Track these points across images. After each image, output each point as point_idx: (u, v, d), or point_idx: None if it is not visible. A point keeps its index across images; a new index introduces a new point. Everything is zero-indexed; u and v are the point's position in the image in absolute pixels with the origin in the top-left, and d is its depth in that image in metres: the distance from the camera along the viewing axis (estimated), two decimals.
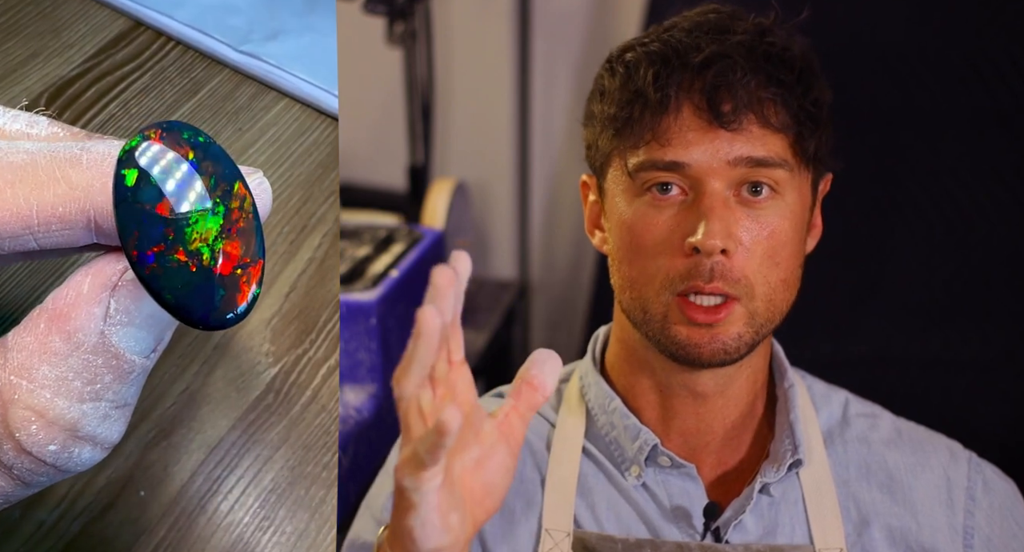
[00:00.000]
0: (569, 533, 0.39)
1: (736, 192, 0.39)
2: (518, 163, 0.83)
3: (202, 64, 0.57)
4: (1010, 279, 0.58)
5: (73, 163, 0.27)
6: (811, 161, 0.40)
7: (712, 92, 0.38)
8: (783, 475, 0.40)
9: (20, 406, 0.27)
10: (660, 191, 0.39)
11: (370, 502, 0.43)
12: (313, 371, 0.46)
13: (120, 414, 0.29)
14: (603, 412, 0.42)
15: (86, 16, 0.58)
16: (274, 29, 0.57)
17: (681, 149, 0.39)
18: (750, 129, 0.39)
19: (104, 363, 0.27)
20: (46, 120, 0.31)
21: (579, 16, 0.78)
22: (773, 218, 0.39)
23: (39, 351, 0.27)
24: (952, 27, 0.58)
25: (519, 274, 0.85)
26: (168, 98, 0.55)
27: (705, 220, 0.38)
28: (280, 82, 0.55)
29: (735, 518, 0.39)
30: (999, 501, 0.41)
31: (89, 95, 0.54)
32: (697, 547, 0.39)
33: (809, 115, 0.39)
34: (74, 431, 0.27)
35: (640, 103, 0.39)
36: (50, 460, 0.27)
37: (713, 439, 0.42)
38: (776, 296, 0.39)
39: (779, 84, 0.39)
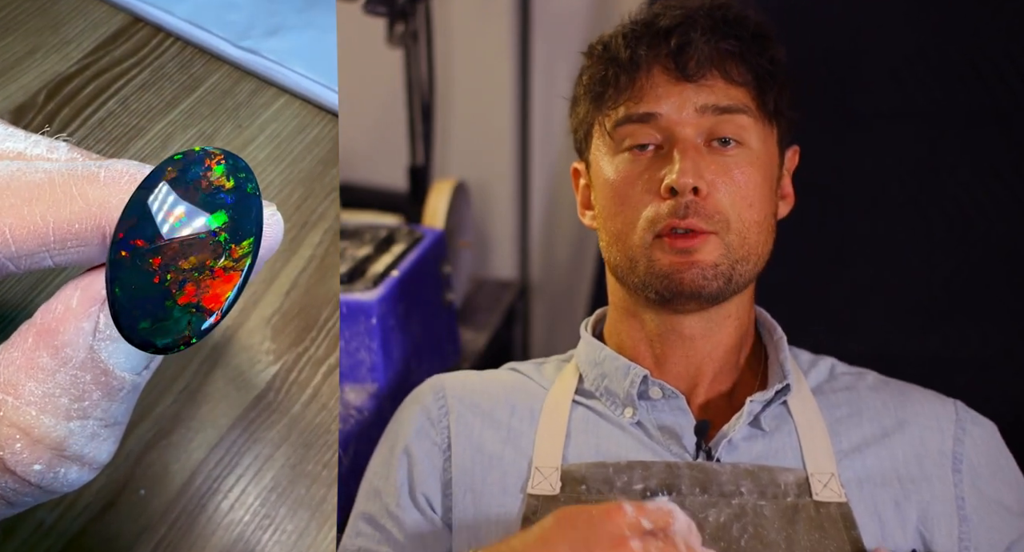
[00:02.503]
0: (557, 468, 0.41)
1: (706, 143, 0.42)
2: (518, 163, 0.83)
3: (201, 60, 0.57)
4: (1009, 277, 0.58)
5: (91, 180, 0.27)
6: (772, 115, 0.44)
7: (677, 51, 0.43)
8: (771, 397, 0.42)
9: (4, 423, 0.26)
10: (638, 150, 0.43)
11: (379, 486, 0.44)
12: (313, 369, 0.46)
13: (109, 433, 0.28)
14: (594, 365, 0.45)
15: (84, 12, 0.58)
16: (274, 25, 0.57)
17: (653, 102, 0.43)
18: (715, 83, 0.43)
19: (93, 379, 0.27)
20: (66, 145, 0.30)
21: (579, 16, 0.78)
22: (742, 163, 0.42)
23: (26, 366, 0.26)
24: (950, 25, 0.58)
25: (519, 274, 0.85)
26: (167, 94, 0.55)
27: (679, 162, 0.41)
28: (280, 78, 0.55)
29: (725, 436, 0.41)
30: (986, 435, 0.43)
31: (88, 91, 0.54)
32: (686, 466, 0.40)
33: (767, 71, 0.43)
34: (60, 450, 0.27)
35: (614, 67, 0.44)
36: (35, 480, 0.27)
37: (703, 380, 0.44)
38: (750, 235, 0.42)
39: (737, 40, 0.43)
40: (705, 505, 0.39)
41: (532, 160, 0.83)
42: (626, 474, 0.40)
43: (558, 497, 0.40)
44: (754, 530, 0.39)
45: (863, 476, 0.41)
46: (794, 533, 0.39)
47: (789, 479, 0.40)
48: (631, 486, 0.40)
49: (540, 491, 0.41)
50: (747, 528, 0.39)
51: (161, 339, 0.26)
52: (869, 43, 0.59)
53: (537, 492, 0.41)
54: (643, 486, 0.40)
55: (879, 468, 0.41)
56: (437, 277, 0.63)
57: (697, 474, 0.40)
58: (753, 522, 0.39)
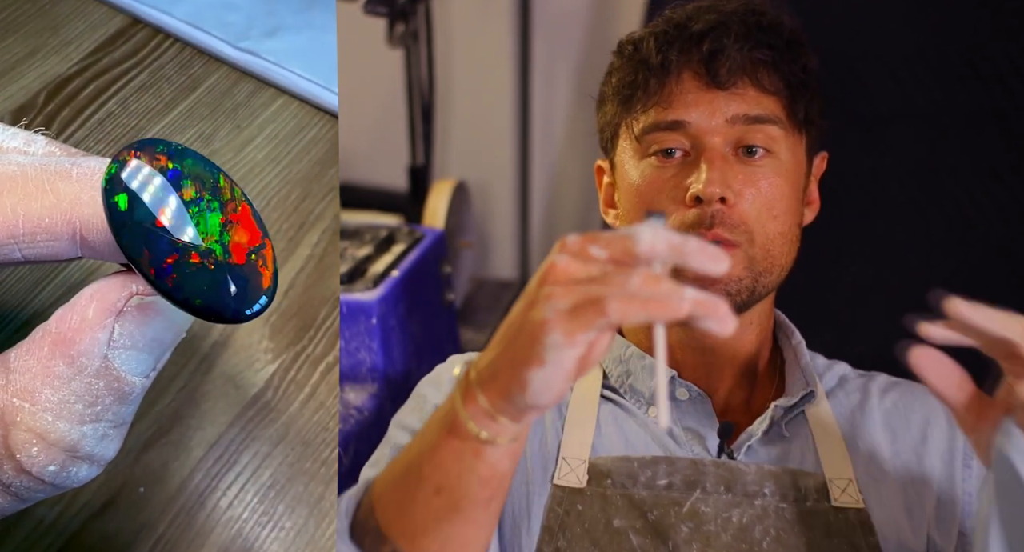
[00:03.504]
0: (585, 460, 0.41)
1: (734, 152, 0.42)
2: (518, 163, 0.83)
3: (200, 61, 0.57)
4: (1009, 277, 0.58)
5: (63, 176, 0.27)
6: (802, 124, 0.43)
7: (709, 58, 0.42)
8: (796, 401, 0.42)
9: (22, 429, 0.27)
10: (664, 156, 0.42)
11: (405, 420, 0.43)
12: (312, 368, 0.46)
13: (117, 433, 0.29)
14: (618, 363, 0.44)
15: (84, 13, 0.58)
16: (273, 25, 0.57)
17: (682, 109, 0.42)
18: (746, 91, 0.42)
19: (106, 386, 0.28)
20: (44, 139, 0.31)
21: (579, 16, 0.78)
22: (769, 173, 0.42)
23: (42, 374, 0.27)
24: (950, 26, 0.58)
25: (519, 274, 0.85)
26: (166, 95, 0.55)
27: (706, 170, 0.40)
28: (279, 79, 0.55)
29: (748, 440, 0.41)
30: None
31: (87, 92, 0.54)
32: (711, 463, 0.40)
33: (799, 80, 0.43)
34: (73, 452, 0.28)
35: (644, 70, 0.43)
36: (48, 479, 0.28)
37: (722, 384, 0.44)
38: (774, 248, 0.41)
39: (770, 49, 0.42)
40: (729, 505, 0.39)
41: (532, 160, 0.83)
42: (650, 469, 0.40)
43: (584, 490, 0.40)
44: (776, 533, 0.39)
45: (879, 478, 0.41)
46: (813, 538, 0.39)
47: (809, 483, 0.40)
48: (655, 481, 0.40)
49: (567, 483, 0.40)
50: (769, 531, 0.39)
51: (262, 295, 0.28)
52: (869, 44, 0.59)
53: (564, 483, 0.40)
54: (667, 481, 0.40)
55: (893, 470, 0.41)
56: (437, 277, 0.63)
57: (723, 472, 0.40)
58: (775, 525, 0.39)
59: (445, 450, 0.32)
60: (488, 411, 0.30)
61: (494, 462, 0.31)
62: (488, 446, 0.31)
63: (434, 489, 0.32)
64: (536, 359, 0.28)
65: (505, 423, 0.30)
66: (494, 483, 0.32)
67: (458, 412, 0.31)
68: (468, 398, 0.31)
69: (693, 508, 0.39)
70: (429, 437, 0.33)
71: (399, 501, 0.34)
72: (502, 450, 0.31)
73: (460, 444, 0.31)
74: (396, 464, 0.35)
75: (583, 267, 0.28)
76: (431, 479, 0.32)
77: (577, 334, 0.27)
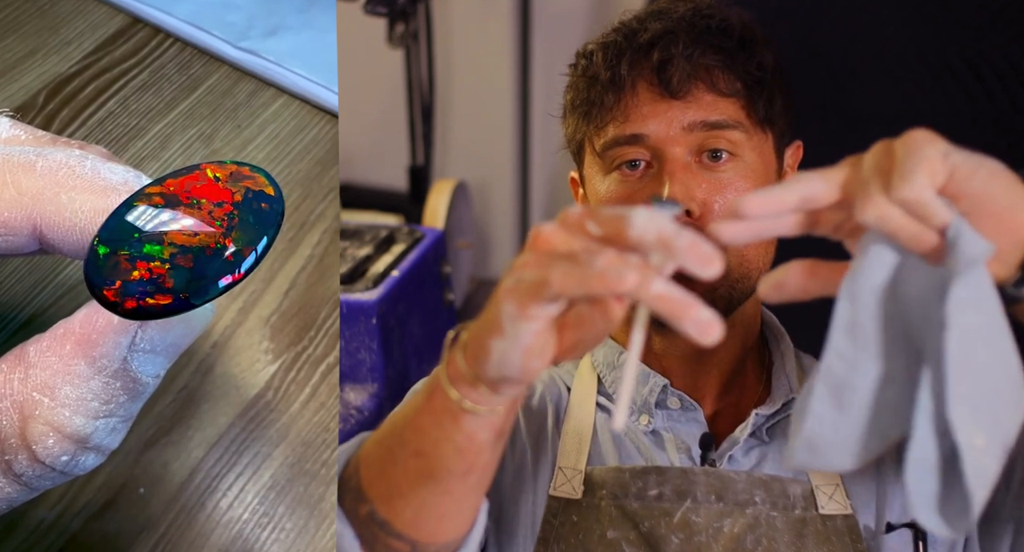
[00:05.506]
0: (581, 471, 0.41)
1: (697, 159, 0.41)
2: (518, 163, 0.83)
3: (201, 61, 0.57)
4: None
5: (26, 169, 0.27)
6: (765, 122, 0.42)
7: (660, 68, 0.41)
8: (777, 408, 0.42)
9: (40, 422, 0.28)
10: (628, 168, 0.42)
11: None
12: (312, 368, 0.46)
13: (124, 426, 0.30)
14: (612, 369, 0.44)
15: (84, 13, 0.58)
16: (273, 25, 0.57)
17: (639, 122, 0.41)
18: (701, 96, 0.41)
19: (122, 386, 0.29)
20: (8, 122, 0.30)
21: (579, 16, 0.78)
22: (734, 178, 0.41)
23: (63, 372, 0.28)
24: (950, 27, 0.58)
25: None
26: (167, 95, 0.55)
27: (668, 183, 0.40)
28: (279, 79, 0.55)
29: (730, 449, 0.41)
30: None
31: (88, 92, 0.54)
32: (702, 472, 0.40)
33: (755, 79, 0.42)
34: (85, 443, 0.29)
35: (597, 86, 0.42)
36: (59, 468, 0.29)
37: (709, 391, 0.43)
38: (748, 252, 0.41)
39: (721, 52, 0.42)
40: (721, 514, 0.39)
41: (532, 160, 0.83)
42: (641, 479, 0.40)
43: (580, 501, 0.40)
44: (767, 543, 0.38)
45: (866, 480, 0.40)
46: (804, 547, 0.38)
47: (797, 491, 0.40)
48: (646, 491, 0.39)
49: (563, 493, 0.40)
50: (761, 540, 0.38)
51: (232, 271, 0.27)
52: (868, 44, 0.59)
53: (560, 494, 0.40)
54: (658, 491, 0.39)
55: (880, 470, 0.41)
56: (437, 277, 0.63)
57: (713, 481, 0.39)
58: (767, 534, 0.39)
59: (426, 413, 0.31)
60: (467, 377, 0.29)
61: (471, 432, 0.30)
62: (467, 414, 0.30)
63: (413, 452, 0.32)
64: (497, 328, 0.27)
65: (484, 392, 0.29)
66: (471, 455, 0.31)
67: (440, 376, 0.30)
68: (450, 361, 0.30)
69: (684, 518, 0.39)
70: (415, 400, 0.32)
71: (380, 460, 0.33)
72: (481, 421, 0.30)
73: (440, 408, 0.30)
74: (384, 425, 0.35)
75: (566, 240, 0.27)
76: (411, 442, 0.32)
77: (529, 306, 0.26)
